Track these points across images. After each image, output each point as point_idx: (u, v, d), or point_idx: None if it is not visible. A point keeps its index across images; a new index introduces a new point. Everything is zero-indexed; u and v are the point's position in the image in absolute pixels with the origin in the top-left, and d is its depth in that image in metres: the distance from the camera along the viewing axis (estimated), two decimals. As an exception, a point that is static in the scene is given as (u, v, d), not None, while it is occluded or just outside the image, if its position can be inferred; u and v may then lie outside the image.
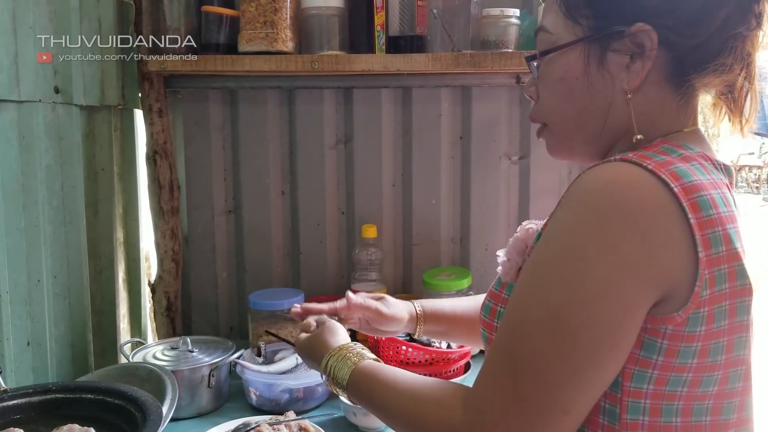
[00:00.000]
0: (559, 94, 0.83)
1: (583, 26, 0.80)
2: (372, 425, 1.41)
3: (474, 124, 1.88)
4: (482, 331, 0.88)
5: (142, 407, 1.03)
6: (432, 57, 1.65)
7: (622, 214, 0.67)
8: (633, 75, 0.78)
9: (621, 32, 0.77)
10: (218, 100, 1.91)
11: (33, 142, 1.39)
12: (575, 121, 0.83)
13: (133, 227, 1.86)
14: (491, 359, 0.74)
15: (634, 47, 0.77)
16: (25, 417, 1.09)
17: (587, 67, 0.80)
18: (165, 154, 1.82)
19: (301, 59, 1.66)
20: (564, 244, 0.70)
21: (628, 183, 0.68)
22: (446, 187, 1.93)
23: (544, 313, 0.69)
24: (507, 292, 0.84)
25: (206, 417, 1.49)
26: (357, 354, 0.96)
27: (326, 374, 0.98)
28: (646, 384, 0.72)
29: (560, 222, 0.73)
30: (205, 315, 2.00)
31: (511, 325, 0.73)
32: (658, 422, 0.73)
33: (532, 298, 0.71)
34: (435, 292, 1.79)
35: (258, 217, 1.95)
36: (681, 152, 0.75)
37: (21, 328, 1.37)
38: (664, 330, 0.69)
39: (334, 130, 1.93)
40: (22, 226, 1.37)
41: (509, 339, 0.72)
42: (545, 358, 0.68)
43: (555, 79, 0.83)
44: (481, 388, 0.74)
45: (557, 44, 0.82)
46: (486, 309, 0.87)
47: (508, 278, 0.85)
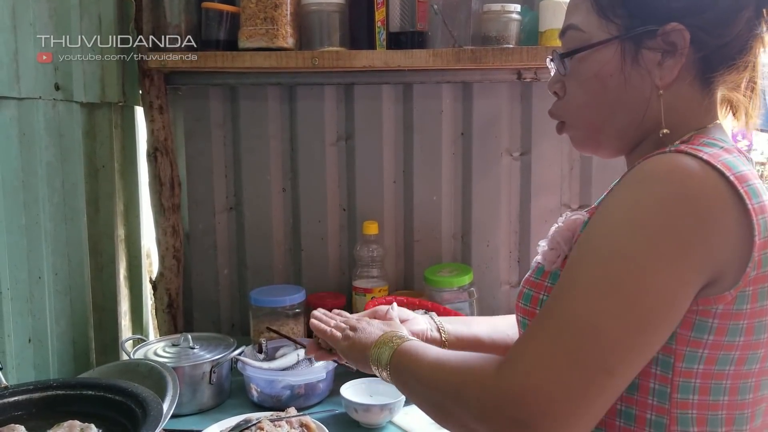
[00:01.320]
0: (591, 91, 0.86)
1: (618, 25, 0.83)
2: (373, 421, 1.41)
3: (475, 121, 1.88)
4: (522, 319, 0.89)
5: (143, 403, 1.03)
6: (433, 53, 1.64)
7: (683, 200, 0.71)
8: (666, 71, 0.81)
9: (654, 31, 0.81)
10: (219, 96, 1.91)
11: (33, 139, 1.39)
12: (607, 116, 0.86)
13: (134, 224, 1.86)
14: (535, 322, 0.75)
15: (666, 45, 0.81)
16: (26, 413, 1.09)
17: (623, 64, 0.83)
18: (166, 151, 1.82)
19: (302, 55, 1.66)
20: (624, 219, 0.73)
21: (688, 173, 0.71)
22: (447, 184, 1.92)
23: (600, 279, 0.71)
24: (550, 281, 0.85)
25: (207, 413, 1.49)
26: (399, 337, 0.97)
27: (372, 362, 0.98)
28: (696, 363, 0.75)
29: (620, 200, 0.75)
30: (207, 312, 2.00)
31: (561, 290, 0.75)
32: (707, 401, 0.76)
33: (588, 265, 0.73)
34: (436, 289, 1.78)
35: (259, 214, 1.95)
36: (720, 145, 0.78)
37: (22, 325, 1.37)
38: (715, 309, 0.73)
39: (335, 127, 1.92)
40: (23, 223, 1.37)
41: (558, 301, 0.74)
42: (598, 318, 0.70)
43: (588, 75, 0.85)
44: (520, 348, 0.75)
45: (591, 42, 0.84)
46: (526, 297, 0.88)
47: (553, 267, 0.85)
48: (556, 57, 0.89)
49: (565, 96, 0.90)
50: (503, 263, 1.94)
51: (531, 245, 1.90)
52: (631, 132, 0.87)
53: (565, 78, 0.89)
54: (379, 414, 1.40)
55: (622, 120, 0.86)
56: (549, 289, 0.85)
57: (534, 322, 0.76)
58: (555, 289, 0.77)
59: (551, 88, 0.92)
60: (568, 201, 1.89)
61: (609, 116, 0.86)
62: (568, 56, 0.87)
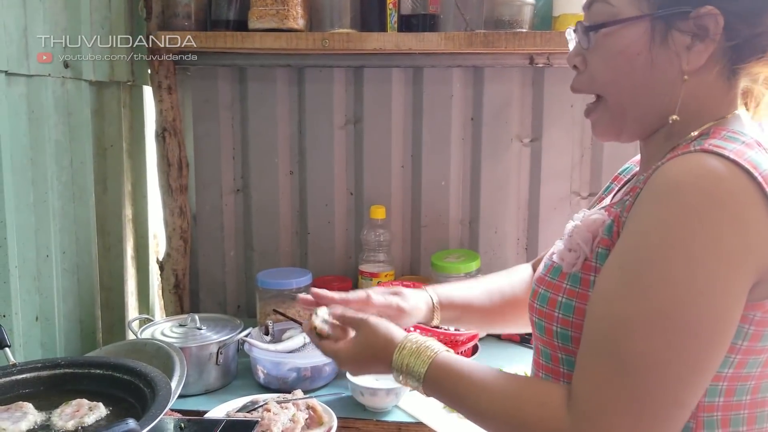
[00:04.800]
0: (615, 68, 0.83)
1: (650, 2, 0.80)
2: (379, 405, 1.41)
3: (486, 106, 1.86)
4: (537, 320, 0.87)
5: (151, 383, 1.02)
6: (445, 36, 1.63)
7: (718, 208, 0.69)
8: (694, 56, 0.79)
9: (687, 12, 0.78)
10: (227, 77, 1.90)
11: (42, 117, 1.39)
12: (631, 96, 0.83)
13: (141, 204, 1.86)
14: (591, 361, 0.73)
15: (698, 29, 0.78)
16: (34, 391, 1.09)
17: (651, 43, 0.80)
18: (174, 132, 1.81)
19: (312, 37, 1.64)
20: (663, 241, 0.70)
21: (718, 176, 0.69)
22: (456, 169, 1.91)
23: (653, 312, 0.69)
24: (570, 283, 0.82)
25: (214, 394, 1.50)
26: (428, 347, 0.89)
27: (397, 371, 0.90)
28: (727, 368, 0.74)
29: (653, 217, 0.72)
30: (213, 293, 2.00)
31: (611, 325, 0.72)
32: (731, 401, 0.76)
33: (636, 297, 0.70)
34: (443, 274, 1.78)
35: (266, 197, 1.95)
36: (741, 139, 0.75)
37: (30, 303, 1.37)
38: (753, 316, 0.72)
39: (344, 110, 1.91)
40: (31, 201, 1.37)
41: (612, 339, 0.71)
42: (661, 356, 0.68)
43: (614, 51, 0.82)
44: (586, 391, 0.73)
45: (620, 17, 0.81)
46: (542, 299, 0.85)
47: (573, 269, 0.82)
48: (579, 29, 0.86)
49: (586, 70, 0.87)
50: (511, 250, 1.93)
51: (539, 232, 1.90)
52: (651, 116, 0.84)
53: (587, 52, 0.86)
54: (385, 398, 1.40)
55: (645, 103, 0.83)
56: (569, 292, 0.82)
57: (590, 359, 0.74)
58: (600, 317, 0.74)
59: (571, 62, 0.89)
60: (578, 189, 1.88)
61: (632, 97, 0.83)
62: (595, 30, 0.83)
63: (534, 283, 0.90)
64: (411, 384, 0.90)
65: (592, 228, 0.82)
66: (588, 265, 0.81)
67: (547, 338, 0.85)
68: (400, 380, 0.91)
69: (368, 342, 0.94)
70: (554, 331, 0.83)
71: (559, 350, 0.84)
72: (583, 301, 0.80)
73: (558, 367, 0.85)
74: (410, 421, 1.40)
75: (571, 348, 0.81)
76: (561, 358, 0.84)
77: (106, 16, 1.62)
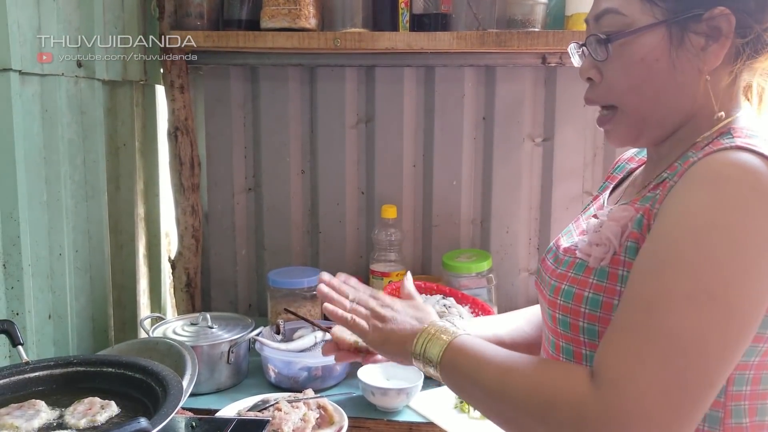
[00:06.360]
0: (636, 76, 0.84)
1: (662, 8, 0.81)
2: (390, 405, 1.41)
3: (497, 105, 1.85)
4: (562, 316, 0.85)
5: (163, 382, 1.03)
6: (457, 35, 1.62)
7: (760, 197, 0.70)
8: (710, 56, 0.80)
9: (700, 15, 0.79)
10: (240, 77, 1.90)
11: (55, 116, 1.39)
12: (652, 103, 0.84)
13: (153, 203, 1.86)
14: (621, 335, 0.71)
15: (711, 30, 0.80)
16: (47, 389, 1.10)
17: (669, 48, 0.81)
18: (186, 131, 1.82)
19: (324, 36, 1.64)
20: (709, 223, 0.70)
21: (757, 170, 0.71)
22: (468, 168, 1.91)
23: (695, 291, 0.68)
24: (597, 278, 0.81)
25: (225, 393, 1.50)
26: (445, 330, 0.89)
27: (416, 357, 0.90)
28: (754, 356, 0.75)
29: (697, 202, 0.72)
30: (224, 292, 2.00)
31: (649, 301, 0.70)
32: (758, 390, 0.77)
33: (679, 276, 0.70)
34: (454, 274, 1.78)
35: (278, 196, 1.95)
36: (762, 136, 0.77)
37: (42, 301, 1.38)
38: None
39: (356, 109, 1.91)
40: (45, 199, 1.38)
41: (648, 313, 0.70)
42: (702, 333, 0.68)
43: (634, 60, 0.83)
44: (614, 360, 0.70)
45: (636, 26, 0.82)
46: (567, 294, 0.84)
47: (603, 263, 0.81)
48: (592, 42, 0.86)
49: (603, 81, 0.87)
50: (522, 250, 1.93)
51: (551, 232, 1.88)
52: (672, 119, 0.85)
53: (603, 63, 0.86)
54: (396, 398, 1.40)
55: (666, 106, 0.84)
56: (596, 287, 0.81)
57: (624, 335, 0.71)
58: (637, 295, 0.72)
59: (585, 74, 0.89)
60: (590, 188, 1.87)
61: (654, 103, 0.84)
62: (612, 41, 0.84)
63: (552, 279, 0.89)
64: (429, 371, 0.89)
65: (621, 221, 0.82)
66: (616, 260, 0.80)
67: (573, 334, 0.84)
68: (420, 367, 0.90)
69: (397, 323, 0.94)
70: (580, 326, 0.82)
71: (584, 346, 0.83)
72: (611, 296, 0.80)
73: (582, 363, 0.84)
74: (421, 421, 1.39)
75: (597, 343, 0.80)
76: (585, 353, 0.83)
77: (119, 15, 1.62)
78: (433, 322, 0.92)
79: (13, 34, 1.24)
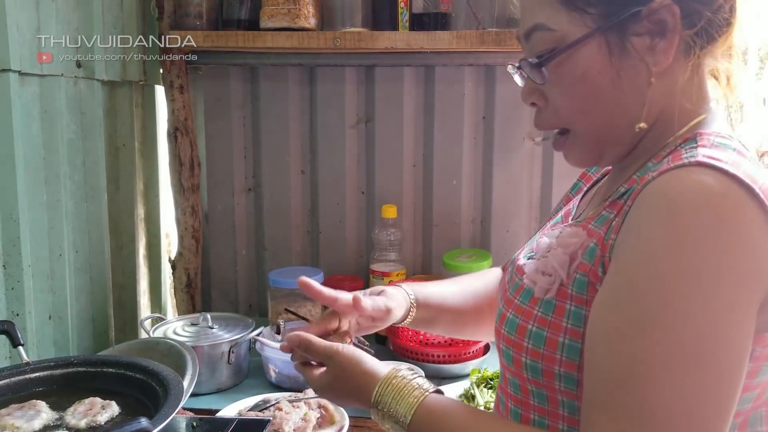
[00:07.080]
0: (581, 96, 0.75)
1: (593, 15, 0.72)
2: (390, 405, 1.40)
3: (497, 105, 1.85)
4: (505, 348, 0.79)
5: (163, 382, 1.03)
6: (456, 35, 1.62)
7: (725, 230, 0.62)
8: (660, 55, 0.72)
9: (638, 12, 0.71)
10: (239, 77, 1.90)
11: (55, 116, 1.39)
12: (605, 120, 0.76)
13: (153, 204, 1.86)
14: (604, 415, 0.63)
15: (655, 26, 0.71)
16: (48, 390, 1.10)
17: (610, 58, 0.72)
18: (186, 131, 1.82)
19: (323, 36, 1.64)
20: (671, 270, 0.62)
21: (720, 193, 0.63)
22: (468, 168, 1.90)
23: (672, 353, 0.61)
24: (542, 310, 0.75)
25: (225, 393, 1.50)
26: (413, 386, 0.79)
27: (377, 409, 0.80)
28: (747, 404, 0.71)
29: (654, 243, 0.64)
30: (225, 292, 2.00)
31: (623, 371, 0.63)
32: None
33: (650, 337, 0.62)
34: (455, 274, 1.77)
35: (278, 196, 1.95)
36: (732, 145, 0.70)
37: (43, 301, 1.38)
38: (752, 351, 0.65)
39: (355, 109, 1.91)
40: (44, 200, 1.38)
41: (627, 387, 0.62)
42: (692, 400, 0.61)
43: (574, 79, 0.74)
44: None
45: (567, 41, 0.73)
46: (510, 324, 0.78)
47: (548, 295, 0.74)
48: (525, 65, 0.77)
49: (548, 105, 0.79)
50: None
51: (551, 231, 1.88)
52: (630, 133, 0.76)
53: (543, 87, 0.77)
54: (396, 397, 1.40)
55: (621, 121, 0.75)
56: (540, 320, 0.74)
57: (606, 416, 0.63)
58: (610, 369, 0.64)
59: (527, 100, 0.80)
60: (590, 187, 1.87)
61: (607, 121, 0.76)
62: (545, 63, 0.74)
63: (501, 303, 0.82)
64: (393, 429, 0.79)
65: (569, 250, 0.74)
66: (563, 292, 0.73)
67: (516, 369, 0.78)
68: (381, 424, 0.81)
69: (342, 376, 0.84)
70: (523, 362, 0.76)
71: (528, 383, 0.77)
72: (556, 332, 0.72)
73: (528, 399, 0.79)
74: (422, 421, 1.39)
75: (542, 382, 0.75)
76: (531, 390, 0.78)
77: (118, 15, 1.62)
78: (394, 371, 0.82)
79: (13, 34, 1.24)
